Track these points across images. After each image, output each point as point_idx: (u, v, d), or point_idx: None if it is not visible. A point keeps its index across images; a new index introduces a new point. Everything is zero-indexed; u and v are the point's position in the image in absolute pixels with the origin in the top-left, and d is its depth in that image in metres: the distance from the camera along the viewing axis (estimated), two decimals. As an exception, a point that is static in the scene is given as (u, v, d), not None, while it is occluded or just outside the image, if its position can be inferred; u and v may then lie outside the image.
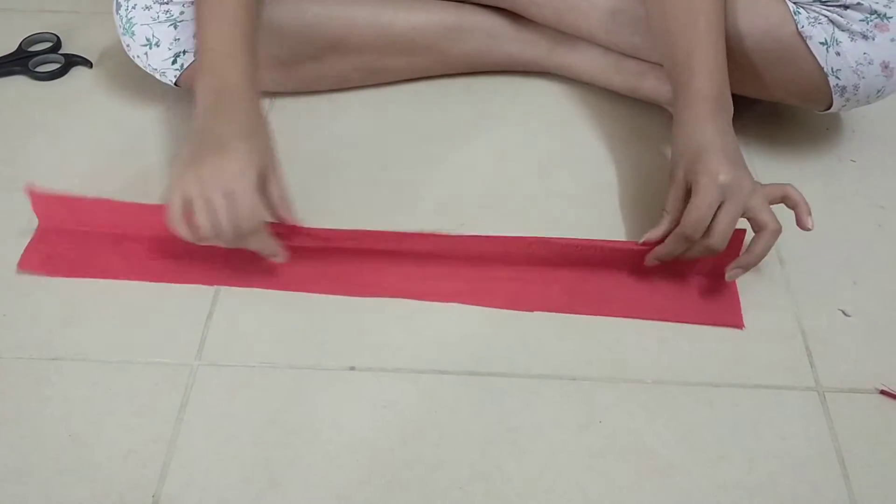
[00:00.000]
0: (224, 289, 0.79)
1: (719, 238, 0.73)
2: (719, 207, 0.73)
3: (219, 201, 0.70)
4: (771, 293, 0.80)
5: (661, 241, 0.77)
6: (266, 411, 0.70)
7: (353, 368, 0.73)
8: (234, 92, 0.75)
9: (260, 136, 0.75)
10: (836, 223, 0.87)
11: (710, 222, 0.73)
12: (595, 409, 0.71)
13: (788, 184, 0.76)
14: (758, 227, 0.74)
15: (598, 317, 0.77)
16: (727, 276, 0.77)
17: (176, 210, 0.71)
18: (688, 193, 0.75)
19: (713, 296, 0.79)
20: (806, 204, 0.75)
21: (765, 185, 0.75)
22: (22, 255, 0.81)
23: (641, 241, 0.78)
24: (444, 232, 0.80)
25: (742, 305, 0.79)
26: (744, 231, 0.76)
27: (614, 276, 0.80)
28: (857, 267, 0.83)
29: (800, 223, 0.75)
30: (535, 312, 0.78)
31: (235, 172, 0.70)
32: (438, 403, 0.71)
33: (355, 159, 0.92)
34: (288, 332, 0.76)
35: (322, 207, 0.86)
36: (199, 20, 0.78)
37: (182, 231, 0.72)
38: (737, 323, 0.77)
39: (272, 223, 0.76)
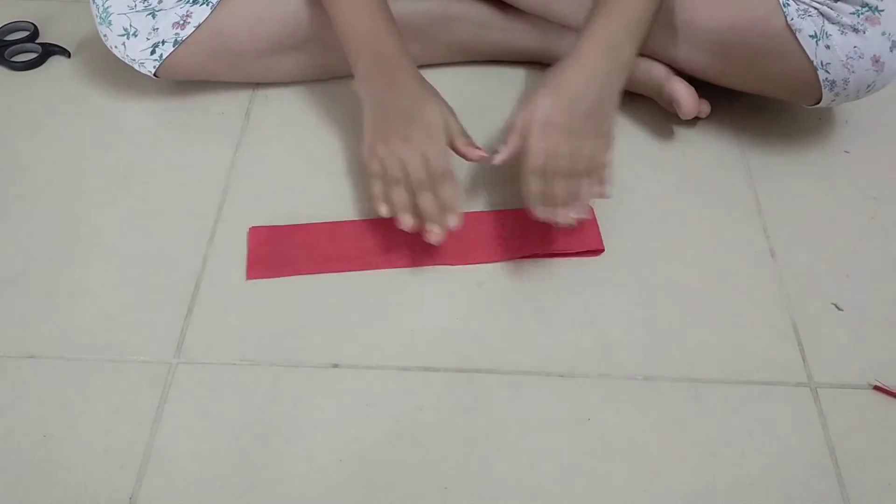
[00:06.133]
0: (203, 284, 0.78)
1: None
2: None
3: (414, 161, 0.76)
4: (762, 287, 0.79)
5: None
6: (246, 410, 0.69)
7: (336, 366, 0.72)
8: (396, 63, 0.81)
9: (436, 98, 0.81)
10: (828, 215, 0.86)
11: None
12: (584, 406, 0.70)
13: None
14: None
15: (585, 312, 0.76)
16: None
17: (376, 185, 0.78)
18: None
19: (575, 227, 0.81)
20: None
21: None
22: (248, 268, 0.79)
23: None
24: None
25: (733, 300, 0.78)
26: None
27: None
28: (850, 260, 0.82)
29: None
30: (518, 303, 0.77)
31: (427, 138, 0.77)
32: (423, 401, 0.70)
33: (339, 148, 0.91)
34: (269, 329, 0.75)
35: (306, 197, 0.85)
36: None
37: (381, 209, 0.78)
38: (597, 246, 0.81)
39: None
